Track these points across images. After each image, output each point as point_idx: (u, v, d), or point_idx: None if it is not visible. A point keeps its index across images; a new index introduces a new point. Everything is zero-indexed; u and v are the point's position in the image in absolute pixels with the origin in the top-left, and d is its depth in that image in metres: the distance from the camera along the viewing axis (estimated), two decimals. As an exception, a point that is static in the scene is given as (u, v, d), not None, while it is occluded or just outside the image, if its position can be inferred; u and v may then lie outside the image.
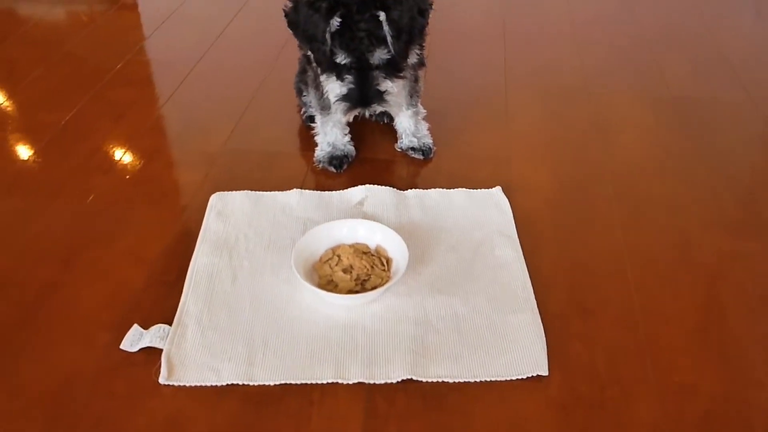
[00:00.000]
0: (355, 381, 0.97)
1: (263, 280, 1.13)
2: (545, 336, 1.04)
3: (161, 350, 1.00)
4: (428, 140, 1.46)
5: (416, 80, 1.40)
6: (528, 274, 1.14)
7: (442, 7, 2.17)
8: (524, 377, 0.98)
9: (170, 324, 1.04)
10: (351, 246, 1.15)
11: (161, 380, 0.96)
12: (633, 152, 1.51)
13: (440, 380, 0.97)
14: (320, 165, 1.42)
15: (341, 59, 1.17)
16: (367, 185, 1.34)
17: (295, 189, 1.33)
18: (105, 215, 1.30)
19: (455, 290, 1.11)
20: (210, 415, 0.93)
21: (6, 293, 1.12)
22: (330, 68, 1.20)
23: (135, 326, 1.03)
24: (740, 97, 1.72)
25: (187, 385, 0.96)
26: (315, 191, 1.33)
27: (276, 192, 1.33)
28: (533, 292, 1.11)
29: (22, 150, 1.50)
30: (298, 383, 0.97)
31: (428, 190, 1.34)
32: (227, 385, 0.97)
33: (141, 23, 2.16)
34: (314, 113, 1.42)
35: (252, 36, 2.02)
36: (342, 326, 1.05)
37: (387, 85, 1.21)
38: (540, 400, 0.96)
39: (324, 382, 0.97)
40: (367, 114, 1.27)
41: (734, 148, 1.52)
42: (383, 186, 1.34)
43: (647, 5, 2.24)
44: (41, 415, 0.93)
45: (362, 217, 1.23)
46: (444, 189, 1.34)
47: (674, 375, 1.00)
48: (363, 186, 1.34)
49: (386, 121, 1.53)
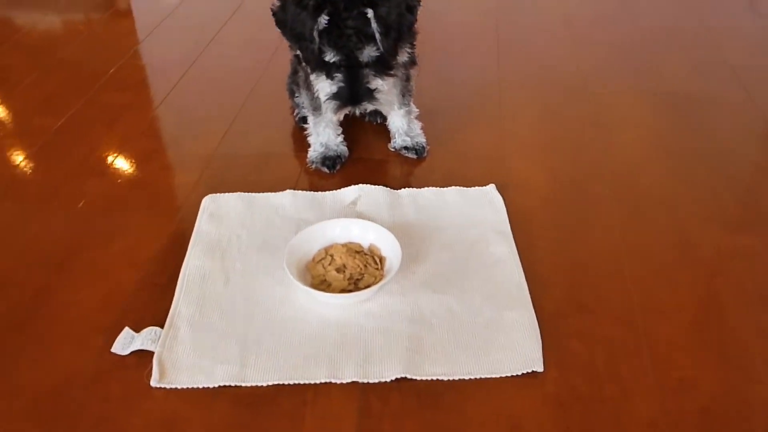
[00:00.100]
0: (349, 380, 0.96)
1: (256, 281, 1.12)
2: (542, 333, 1.03)
3: (153, 353, 0.99)
4: (421, 139, 1.45)
5: (408, 79, 1.39)
6: (523, 272, 1.13)
7: (436, 6, 2.19)
8: (520, 374, 0.97)
9: (162, 326, 1.04)
10: (344, 245, 1.14)
11: (153, 383, 0.95)
12: (631, 150, 1.50)
13: (435, 378, 0.96)
14: (313, 165, 1.41)
15: (330, 57, 1.17)
16: (360, 185, 1.33)
17: (288, 190, 1.32)
18: (99, 218, 1.29)
19: (449, 288, 1.10)
20: (204, 417, 0.92)
21: (1, 296, 1.12)
22: (319, 67, 1.19)
23: (126, 329, 1.03)
24: (739, 96, 1.71)
25: (180, 388, 0.95)
26: (308, 192, 1.33)
27: (269, 193, 1.32)
28: (528, 290, 1.10)
29: (16, 154, 1.50)
30: (292, 383, 0.96)
31: (422, 189, 1.33)
32: (220, 387, 0.96)
33: (135, 29, 2.16)
34: (307, 114, 1.41)
35: (245, 39, 2.01)
36: (335, 326, 1.04)
37: (377, 83, 1.20)
38: (536, 397, 0.95)
39: (317, 382, 0.96)
40: (358, 112, 1.26)
41: (733, 146, 1.51)
42: (376, 185, 1.33)
43: (644, 4, 2.23)
44: (37, 418, 0.93)
45: (355, 217, 1.22)
46: (438, 188, 1.33)
47: (673, 371, 0.99)
48: (356, 186, 1.33)
49: (379, 121, 1.52)
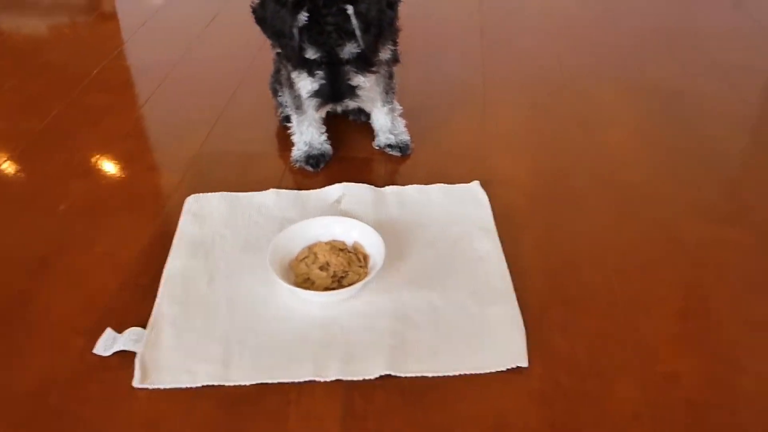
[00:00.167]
0: (333, 378, 0.95)
1: (240, 281, 1.11)
2: (526, 328, 1.02)
3: (136, 354, 0.98)
4: (405, 137, 1.45)
5: (390, 77, 1.39)
6: (507, 267, 1.13)
7: (420, 3, 2.19)
8: (504, 369, 0.97)
9: (145, 327, 1.03)
10: (327, 243, 1.14)
11: (135, 384, 0.94)
12: (614, 143, 1.50)
13: (419, 375, 0.96)
14: (297, 164, 1.40)
15: (311, 54, 1.16)
16: (344, 183, 1.32)
17: (272, 189, 1.32)
18: (81, 220, 1.28)
19: (434, 284, 1.10)
20: (186, 417, 0.92)
21: (-20, 300, 1.11)
22: (300, 64, 1.19)
23: (108, 330, 1.02)
24: (721, 87, 1.73)
25: (162, 388, 0.94)
26: (291, 191, 1.32)
27: (252, 192, 1.31)
28: (512, 285, 1.10)
29: (-2, 158, 1.49)
30: (275, 383, 0.95)
31: (406, 187, 1.33)
32: (203, 387, 0.95)
33: (119, 31, 2.14)
34: (290, 113, 1.41)
35: (229, 40, 2.00)
36: (319, 324, 1.03)
37: (359, 80, 1.20)
38: (521, 392, 0.94)
39: (301, 381, 0.95)
40: (339, 109, 1.25)
41: (716, 137, 1.52)
42: (360, 183, 1.32)
43: (629, 3, 2.24)
44: (17, 421, 0.92)
45: (340, 215, 1.22)
46: (422, 185, 1.33)
47: (657, 364, 0.99)
48: (340, 184, 1.32)
49: (363, 119, 1.52)
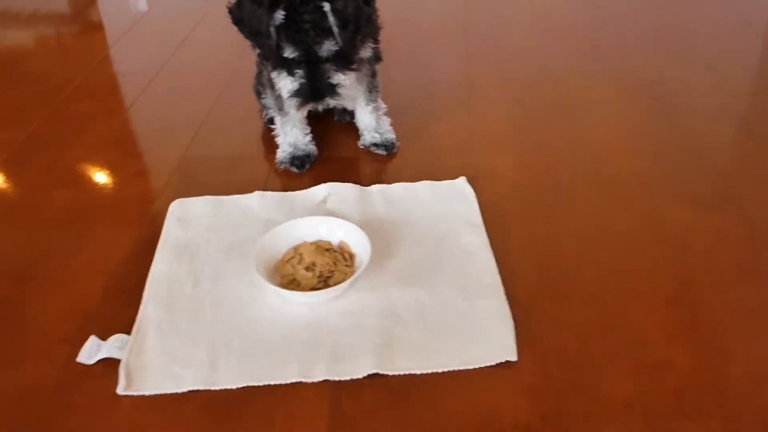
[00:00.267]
0: (320, 379, 0.94)
1: (225, 284, 1.10)
2: (515, 322, 1.01)
3: (120, 361, 0.97)
4: (391, 135, 1.44)
5: (373, 75, 1.38)
6: (495, 261, 1.12)
7: (405, 2, 2.18)
8: (493, 364, 0.96)
9: (130, 333, 1.02)
10: (313, 243, 1.12)
11: (119, 391, 0.93)
12: (600, 133, 1.50)
13: (408, 373, 0.95)
14: (282, 166, 1.39)
15: (289, 53, 1.15)
16: (330, 183, 1.31)
17: (257, 191, 1.31)
18: (65, 228, 1.27)
19: (421, 281, 1.09)
20: (172, 424, 0.90)
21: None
22: (279, 64, 1.18)
23: (92, 337, 1.00)
24: (705, 75, 1.73)
25: (148, 395, 0.93)
26: (277, 192, 1.31)
27: (237, 195, 1.30)
28: (500, 278, 1.09)
29: (-20, 168, 1.48)
30: (262, 385, 0.94)
31: (392, 185, 1.32)
32: (189, 392, 0.93)
33: (104, 39, 2.13)
34: (274, 114, 1.40)
35: (213, 44, 1.99)
36: (306, 325, 1.02)
37: (339, 78, 1.19)
38: (511, 387, 0.93)
39: (288, 383, 0.94)
40: (321, 108, 1.24)
41: (702, 129, 1.51)
42: (346, 183, 1.32)
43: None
44: (1, 430, 0.90)
45: (325, 215, 1.21)
46: (408, 182, 1.32)
47: (647, 353, 0.98)
48: (326, 184, 1.31)
49: (348, 119, 1.51)
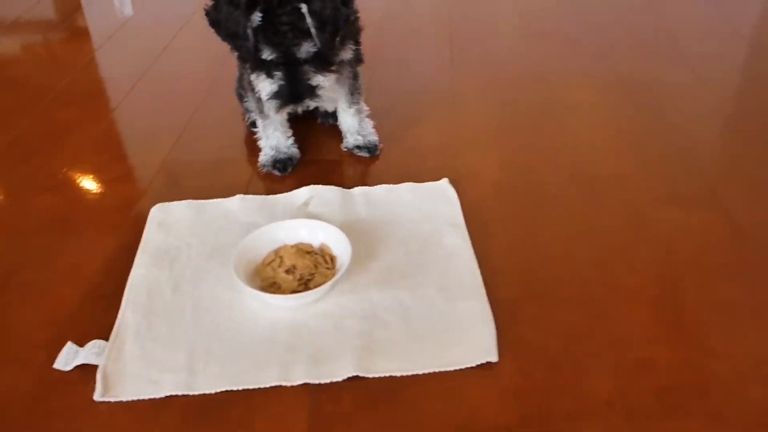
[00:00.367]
0: (300, 382, 0.93)
1: (205, 288, 1.09)
2: (497, 322, 1.01)
3: (98, 367, 0.96)
4: (373, 138, 1.43)
5: (355, 77, 1.37)
6: (477, 262, 1.12)
7: (388, 3, 2.18)
8: (475, 366, 0.95)
9: (108, 339, 1.00)
10: (294, 246, 1.12)
11: (96, 397, 0.92)
12: (584, 134, 1.50)
13: (388, 375, 0.94)
14: (264, 169, 1.38)
15: (267, 55, 1.14)
16: (312, 186, 1.31)
17: (238, 195, 1.30)
18: (45, 234, 1.25)
19: (403, 283, 1.08)
20: (149, 429, 0.89)
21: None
22: (258, 66, 1.17)
23: (69, 344, 0.99)
24: (688, 76, 1.74)
25: (125, 400, 0.92)
26: (258, 195, 1.30)
27: (218, 199, 1.29)
28: (482, 279, 1.08)
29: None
30: (241, 389, 0.93)
31: (374, 187, 1.31)
32: (168, 397, 0.92)
33: (89, 44, 2.12)
34: (255, 117, 1.39)
35: (197, 48, 1.98)
36: (286, 328, 1.01)
37: (318, 80, 1.18)
38: (492, 388, 0.93)
39: (267, 386, 0.93)
40: (300, 110, 1.24)
41: (684, 124, 1.52)
42: (329, 185, 1.31)
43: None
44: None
45: (307, 218, 1.20)
46: (391, 184, 1.32)
47: (630, 351, 0.98)
48: (308, 187, 1.30)
49: (331, 122, 1.50)
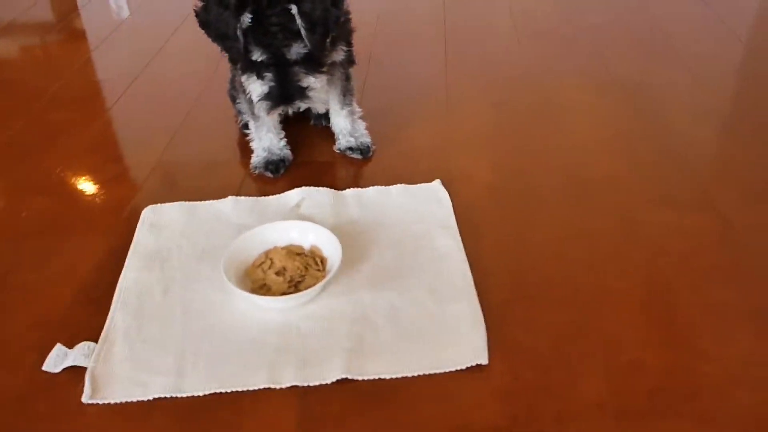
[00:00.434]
0: (289, 385, 0.93)
1: (196, 290, 1.09)
2: (488, 324, 1.00)
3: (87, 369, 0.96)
4: (366, 139, 1.43)
5: (347, 79, 1.37)
6: (468, 263, 1.11)
7: (382, 5, 2.18)
8: (465, 368, 0.95)
9: (97, 341, 1.00)
10: (284, 248, 1.11)
11: (84, 399, 0.91)
12: (578, 135, 1.50)
13: (377, 377, 0.94)
14: (256, 171, 1.38)
15: (257, 56, 1.14)
16: (304, 187, 1.30)
17: (230, 196, 1.29)
18: (36, 236, 1.25)
19: (394, 285, 1.08)
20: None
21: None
22: (248, 67, 1.17)
23: (58, 345, 0.99)
24: (684, 76, 1.74)
25: (113, 403, 0.92)
26: (250, 197, 1.30)
27: (210, 201, 1.29)
28: (473, 281, 1.08)
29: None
30: (229, 392, 0.92)
31: (366, 189, 1.31)
32: (156, 399, 0.92)
33: (84, 46, 2.12)
34: (248, 119, 1.39)
35: (191, 50, 1.97)
36: (276, 330, 1.01)
37: (309, 81, 1.18)
38: (482, 390, 0.92)
39: (256, 389, 0.93)
40: (290, 111, 1.24)
41: (679, 128, 1.52)
42: (320, 187, 1.31)
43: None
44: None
45: (299, 220, 1.19)
46: (383, 186, 1.32)
47: (621, 353, 0.98)
48: (300, 188, 1.30)
49: (324, 124, 1.50)
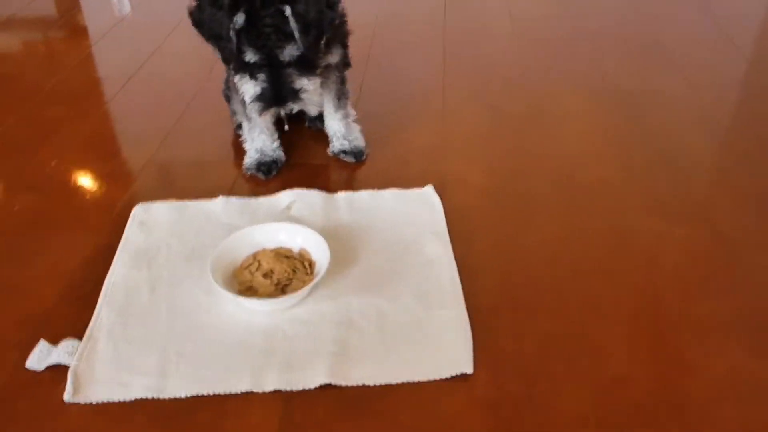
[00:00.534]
0: (271, 389, 0.92)
1: (182, 290, 1.08)
2: (474, 332, 1.00)
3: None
4: (360, 143, 1.43)
5: (342, 82, 1.37)
6: (457, 270, 1.11)
7: (382, 7, 2.18)
8: (449, 377, 0.94)
9: (82, 339, 1.00)
10: (273, 250, 1.11)
11: (66, 398, 0.91)
12: (571, 142, 1.50)
13: (361, 384, 0.93)
14: (248, 172, 1.38)
15: (250, 57, 1.14)
16: (296, 189, 1.30)
17: (221, 196, 1.29)
18: (26, 232, 1.25)
19: (381, 290, 1.08)
20: (117, 433, 0.89)
21: None
22: (241, 68, 1.16)
23: (42, 342, 0.98)
24: (678, 85, 1.73)
25: (95, 402, 0.91)
26: (241, 198, 1.29)
27: (201, 201, 1.28)
28: (461, 288, 1.07)
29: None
30: (212, 394, 0.92)
31: (358, 192, 1.31)
32: (138, 400, 0.92)
33: (86, 42, 2.11)
34: (241, 120, 1.38)
35: (188, 50, 1.97)
36: (261, 333, 1.01)
37: (302, 83, 1.17)
38: (466, 400, 0.92)
39: (239, 392, 0.92)
40: (283, 113, 1.23)
41: (675, 136, 1.51)
42: (312, 189, 1.30)
43: (588, 3, 2.24)
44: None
45: (289, 221, 1.19)
46: (374, 190, 1.31)
47: (607, 366, 0.97)
48: (291, 190, 1.30)
49: (319, 126, 1.49)
